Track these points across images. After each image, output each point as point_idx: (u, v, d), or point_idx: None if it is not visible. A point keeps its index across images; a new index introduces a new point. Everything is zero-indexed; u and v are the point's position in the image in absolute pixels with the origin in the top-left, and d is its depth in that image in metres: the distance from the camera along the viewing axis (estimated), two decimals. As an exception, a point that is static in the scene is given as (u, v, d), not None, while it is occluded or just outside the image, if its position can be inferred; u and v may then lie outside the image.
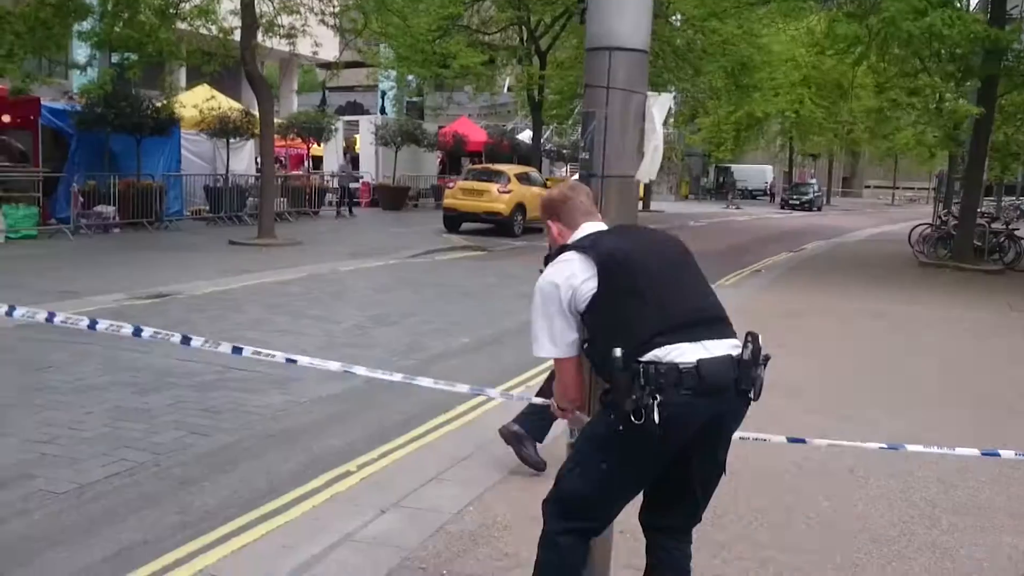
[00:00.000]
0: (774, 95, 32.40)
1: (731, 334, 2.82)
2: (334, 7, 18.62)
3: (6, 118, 17.46)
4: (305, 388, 6.74)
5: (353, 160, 30.87)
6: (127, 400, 6.22)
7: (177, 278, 11.91)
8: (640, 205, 37.68)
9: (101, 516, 4.33)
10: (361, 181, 29.62)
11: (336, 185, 26.61)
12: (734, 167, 56.35)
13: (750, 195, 57.96)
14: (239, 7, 16.95)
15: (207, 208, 21.38)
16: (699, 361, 2.65)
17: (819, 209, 47.63)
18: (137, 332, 3.97)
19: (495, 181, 21.52)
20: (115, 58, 19.33)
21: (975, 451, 4.06)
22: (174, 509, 4.44)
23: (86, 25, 17.20)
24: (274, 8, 17.43)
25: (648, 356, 2.65)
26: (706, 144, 46.08)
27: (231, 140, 21.58)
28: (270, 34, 17.54)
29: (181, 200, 20.74)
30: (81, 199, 17.42)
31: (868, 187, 76.77)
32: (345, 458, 5.26)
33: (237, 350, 3.97)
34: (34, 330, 8.04)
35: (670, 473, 2.87)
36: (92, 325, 3.69)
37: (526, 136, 34.06)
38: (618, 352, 2.65)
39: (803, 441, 4.13)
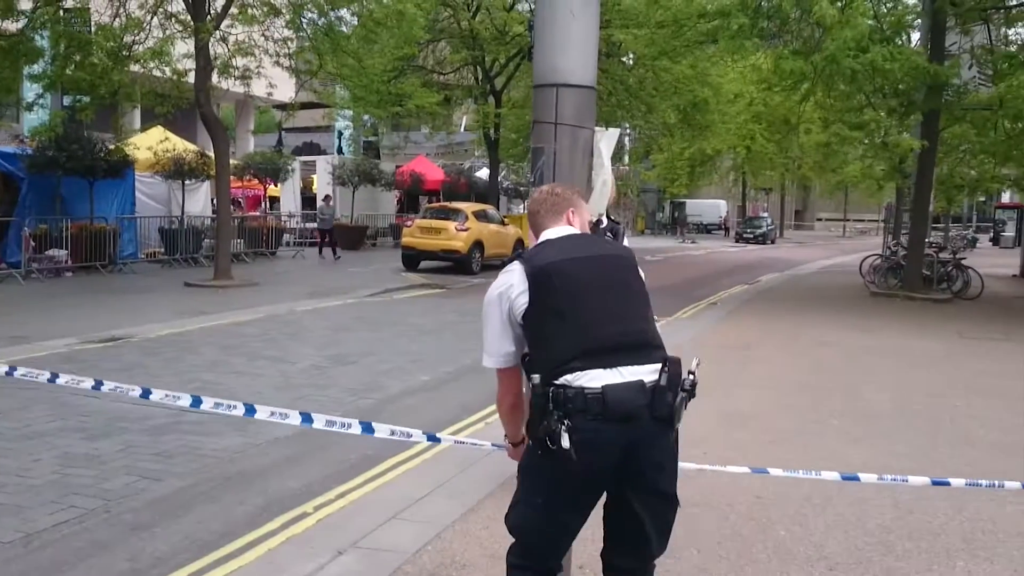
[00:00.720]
0: (726, 131, 33.01)
1: (656, 359, 2.75)
2: (289, 49, 18.65)
3: (-46, 162, 17.23)
4: (262, 429, 6.65)
5: (309, 200, 30.79)
6: (76, 446, 6.09)
7: (131, 321, 11.74)
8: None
9: (48, 565, 4.22)
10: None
11: (317, 227, 26.21)
12: (689, 202, 57.12)
13: (705, 229, 58.76)
14: (193, 49, 16.93)
15: (162, 250, 21.16)
16: (604, 387, 2.63)
17: (772, 242, 48.46)
18: (97, 386, 3.93)
19: (453, 219, 21.59)
20: (67, 100, 19.16)
21: (926, 479, 4.12)
22: (124, 556, 4.34)
23: (36, 68, 17.06)
24: (229, 50, 17.41)
25: (560, 380, 2.66)
26: (661, 180, 46.68)
27: (186, 181, 21.42)
28: (225, 76, 17.50)
29: (135, 243, 20.51)
30: (32, 243, 17.15)
31: (820, 220, 78.23)
32: (302, 500, 5.19)
33: (196, 402, 3.95)
34: (-19, 377, 7.88)
35: (612, 506, 2.86)
36: (52, 379, 3.66)
37: (483, 174, 34.23)
38: (536, 378, 2.68)
39: (765, 472, 4.16)
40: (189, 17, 16.89)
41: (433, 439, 4.31)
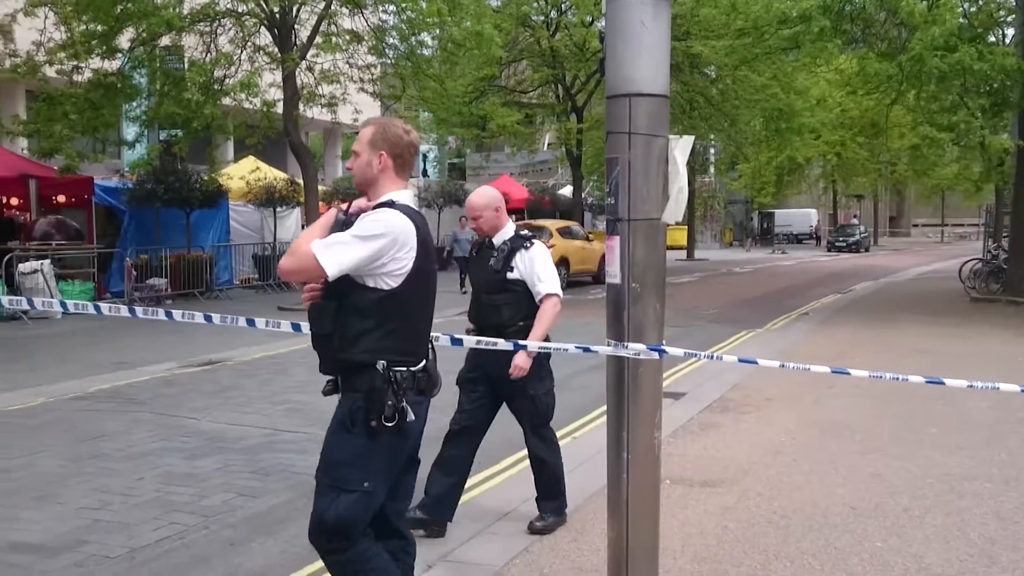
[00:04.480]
0: (815, 138, 32.35)
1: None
2: (372, 75, 19.08)
3: (61, 198, 18.14)
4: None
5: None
6: (177, 465, 6.32)
7: (227, 344, 12.09)
8: (684, 254, 37.64)
9: (153, 579, 4.38)
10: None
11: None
12: (778, 212, 56.05)
13: (795, 239, 57.51)
14: (280, 80, 17.47)
15: (256, 276, 21.78)
16: (426, 363, 3.07)
17: (866, 250, 47.16)
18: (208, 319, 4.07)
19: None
20: (162, 134, 19.96)
21: (1014, 386, 3.96)
22: (223, 571, 4.47)
23: (134, 105, 17.82)
24: (315, 79, 17.91)
25: (395, 359, 2.99)
26: (748, 190, 45.99)
27: (277, 209, 22.05)
28: (311, 104, 18.01)
29: (230, 269, 21.20)
30: (134, 273, 17.87)
31: (916, 226, 75.87)
32: (392, 514, 5.26)
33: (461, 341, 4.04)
34: (88, 401, 8.28)
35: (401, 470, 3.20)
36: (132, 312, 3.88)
37: (567, 191, 34.31)
38: (382, 363, 2.96)
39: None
40: (276, 49, 17.45)
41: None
